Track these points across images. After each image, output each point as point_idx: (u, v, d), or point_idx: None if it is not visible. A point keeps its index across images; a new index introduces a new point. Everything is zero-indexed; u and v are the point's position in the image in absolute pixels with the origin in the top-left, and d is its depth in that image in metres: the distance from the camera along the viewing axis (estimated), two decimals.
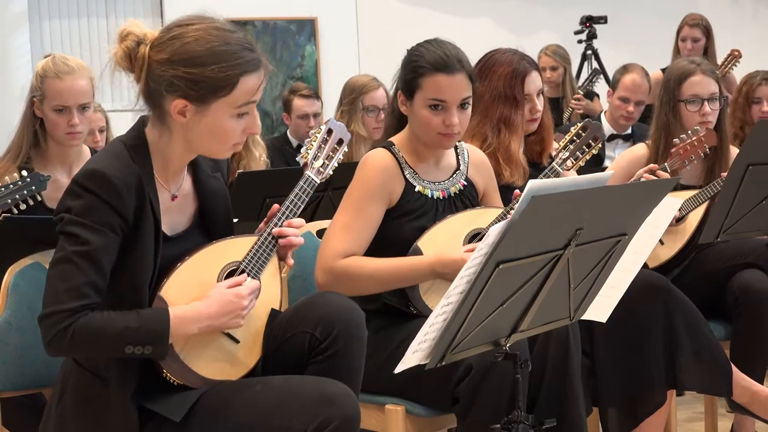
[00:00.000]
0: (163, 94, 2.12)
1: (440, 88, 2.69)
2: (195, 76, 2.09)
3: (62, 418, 2.16)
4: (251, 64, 2.14)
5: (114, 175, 2.07)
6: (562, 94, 6.12)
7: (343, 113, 4.76)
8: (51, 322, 2.03)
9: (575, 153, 3.03)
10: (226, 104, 2.12)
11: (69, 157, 3.24)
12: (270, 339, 2.26)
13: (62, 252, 2.06)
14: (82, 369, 2.14)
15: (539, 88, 3.25)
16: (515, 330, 2.13)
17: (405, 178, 2.76)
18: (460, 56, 2.73)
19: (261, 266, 2.25)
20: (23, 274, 2.44)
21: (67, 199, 2.09)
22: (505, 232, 1.88)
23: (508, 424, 2.17)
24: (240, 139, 2.18)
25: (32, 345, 2.42)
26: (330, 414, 2.06)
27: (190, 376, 2.15)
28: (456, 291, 1.94)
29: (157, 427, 2.13)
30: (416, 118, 2.74)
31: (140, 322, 2.06)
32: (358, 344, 2.25)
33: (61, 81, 3.14)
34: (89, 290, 2.04)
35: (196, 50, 2.10)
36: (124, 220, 2.08)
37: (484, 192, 2.92)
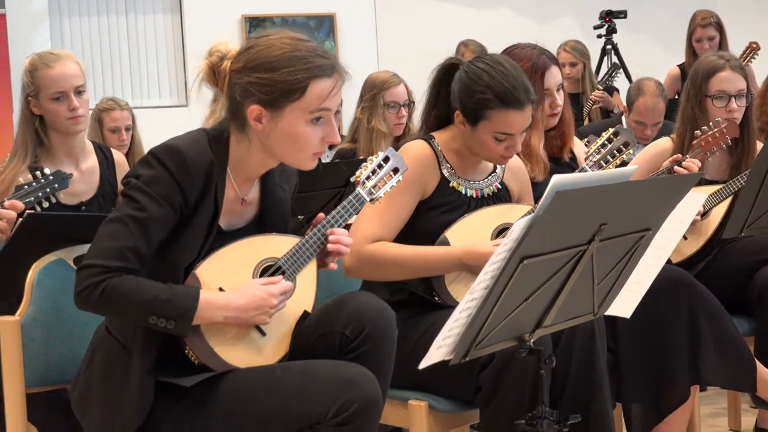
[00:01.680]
0: (240, 102, 2.19)
1: (509, 124, 2.68)
2: (266, 81, 2.16)
3: (88, 381, 2.21)
4: (322, 69, 2.18)
5: (189, 155, 2.14)
6: (582, 90, 6.09)
7: (363, 109, 4.75)
8: (87, 274, 2.09)
9: (606, 157, 3.03)
10: (299, 109, 2.17)
11: (74, 149, 3.25)
12: (298, 338, 2.28)
13: (119, 212, 2.13)
14: (113, 338, 2.19)
15: (559, 83, 3.25)
16: (539, 325, 2.13)
17: (441, 173, 2.77)
18: (527, 85, 2.70)
19: (298, 267, 2.27)
20: (48, 271, 2.45)
21: (140, 167, 2.16)
22: (529, 227, 1.88)
23: (532, 419, 2.17)
24: (320, 148, 2.22)
25: (57, 341, 2.44)
26: (351, 396, 2.08)
27: (211, 357, 2.16)
28: (480, 286, 1.94)
29: (184, 409, 2.15)
30: (478, 141, 2.72)
31: (170, 296, 2.10)
32: (389, 344, 2.26)
33: (52, 69, 3.16)
34: (132, 255, 2.10)
35: (268, 56, 2.17)
36: (186, 201, 2.14)
37: (519, 197, 2.92)
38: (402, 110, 4.72)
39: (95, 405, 2.19)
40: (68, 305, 2.44)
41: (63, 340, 2.45)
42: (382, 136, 4.68)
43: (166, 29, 8.02)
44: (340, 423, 2.07)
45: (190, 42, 7.85)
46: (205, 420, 2.14)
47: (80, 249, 2.51)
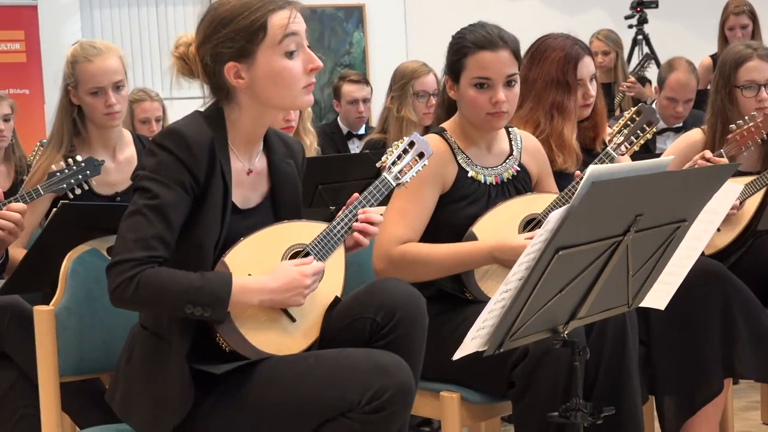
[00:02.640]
0: (215, 68, 2.20)
1: (484, 65, 2.69)
2: (228, 35, 2.17)
3: (129, 381, 2.21)
4: (274, 3, 2.19)
5: (188, 134, 2.15)
6: (614, 80, 6.05)
7: (393, 99, 4.75)
8: (118, 271, 2.09)
9: (629, 137, 3.00)
10: (268, 46, 2.18)
11: (110, 140, 3.26)
12: (329, 325, 2.27)
13: (134, 206, 2.13)
14: (148, 332, 2.20)
15: (592, 73, 3.23)
16: (573, 317, 2.12)
17: (458, 164, 2.76)
18: (503, 34, 2.73)
19: (327, 252, 2.27)
20: (81, 260, 2.46)
21: (145, 158, 2.17)
22: (565, 217, 1.87)
23: (566, 411, 2.16)
24: (307, 80, 2.22)
25: (91, 331, 2.45)
26: (384, 384, 2.07)
27: (243, 344, 2.17)
28: (515, 277, 1.92)
29: (216, 400, 2.15)
30: (464, 100, 2.74)
31: (203, 283, 2.10)
32: (420, 330, 2.24)
33: (91, 63, 3.17)
34: (157, 243, 2.10)
35: (221, 13, 2.19)
36: (195, 180, 2.15)
37: (538, 178, 2.90)
38: (431, 99, 4.72)
39: (141, 401, 2.18)
40: (101, 295, 2.45)
41: (96, 330, 2.46)
42: (411, 125, 4.68)
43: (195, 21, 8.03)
44: (373, 410, 2.07)
45: None
46: (238, 409, 2.14)
47: (113, 239, 2.48)
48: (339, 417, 2.09)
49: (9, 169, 4.79)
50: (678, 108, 4.98)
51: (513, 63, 2.72)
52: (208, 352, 2.18)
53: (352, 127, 5.61)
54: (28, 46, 7.50)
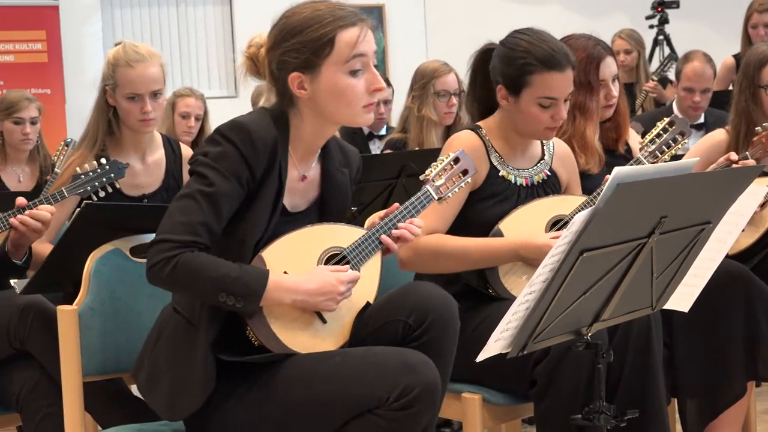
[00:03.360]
0: (280, 76, 2.22)
1: (552, 86, 2.68)
2: (295, 46, 2.18)
3: (156, 361, 2.23)
4: (345, 19, 2.19)
5: (254, 130, 2.17)
6: (636, 79, 6.03)
7: (414, 98, 4.74)
8: (159, 248, 2.10)
9: (661, 147, 2.99)
10: (333, 63, 2.18)
11: (142, 143, 3.27)
12: (360, 327, 2.28)
13: (188, 189, 2.15)
14: (180, 316, 2.21)
15: (614, 74, 3.21)
16: (597, 319, 2.11)
17: (490, 162, 2.76)
18: (566, 50, 2.71)
19: (363, 258, 2.28)
20: (105, 260, 2.46)
21: (207, 145, 2.19)
22: (589, 219, 1.86)
23: (589, 414, 2.15)
24: (369, 99, 2.23)
25: (114, 330, 2.45)
26: (411, 382, 2.07)
27: (272, 339, 2.17)
28: (539, 279, 1.92)
29: (244, 393, 2.16)
30: (522, 114, 2.72)
31: (240, 274, 2.11)
32: (451, 334, 2.24)
33: (132, 69, 3.15)
34: (202, 230, 2.11)
35: (291, 23, 2.21)
36: (252, 176, 2.17)
37: (567, 184, 2.91)
38: (452, 99, 4.71)
39: (163, 383, 2.20)
40: (125, 294, 2.48)
41: (119, 330, 2.46)
42: (432, 125, 4.68)
43: (216, 20, 8.07)
44: (401, 407, 2.06)
45: (240, 33, 7.88)
46: (265, 404, 2.15)
47: (137, 239, 2.53)
48: (366, 414, 2.09)
49: (34, 169, 4.81)
50: (695, 98, 4.97)
51: (572, 79, 2.72)
52: (237, 345, 2.18)
53: (373, 128, 5.61)
54: (50, 46, 7.54)
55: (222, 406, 2.17)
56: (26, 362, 2.63)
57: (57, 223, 3.13)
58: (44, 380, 2.60)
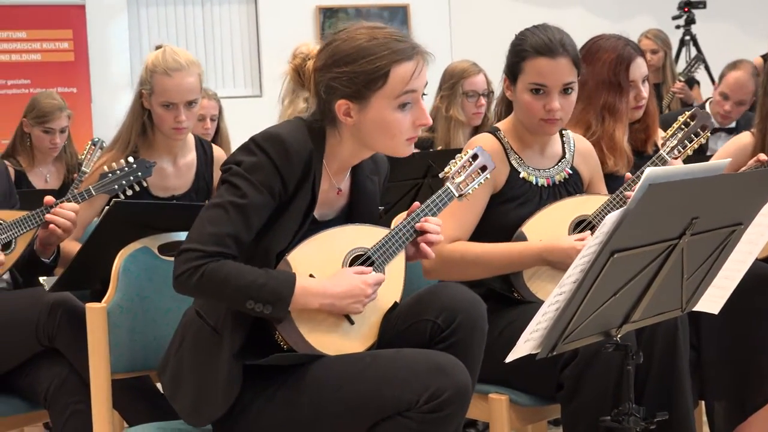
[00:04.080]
0: (327, 99, 2.20)
1: (541, 71, 2.67)
2: (348, 74, 2.16)
3: (179, 364, 2.23)
4: (401, 53, 2.17)
5: (291, 143, 2.16)
6: (662, 80, 6.00)
7: (442, 98, 4.74)
8: (186, 258, 2.10)
9: (683, 141, 2.96)
10: (384, 96, 2.16)
11: (174, 147, 3.28)
12: (387, 328, 2.27)
13: (220, 198, 2.14)
14: (203, 321, 2.21)
15: (644, 75, 3.20)
16: (627, 320, 2.10)
17: (510, 164, 2.74)
18: (564, 40, 2.70)
19: (388, 258, 2.27)
20: (133, 258, 2.47)
21: (240, 154, 2.17)
22: (620, 220, 1.85)
23: (618, 416, 2.14)
24: (412, 133, 2.21)
25: (142, 328, 2.46)
26: (442, 384, 2.06)
27: (300, 343, 2.17)
28: (569, 280, 1.91)
29: (271, 395, 2.16)
30: (519, 103, 2.73)
31: (267, 280, 2.10)
32: (479, 335, 2.24)
33: (170, 78, 3.14)
34: (231, 241, 2.11)
35: (346, 49, 2.18)
36: (285, 188, 2.16)
37: (590, 182, 2.89)
38: (481, 99, 4.70)
39: (186, 387, 2.21)
40: (152, 293, 2.48)
41: (147, 327, 2.47)
42: (460, 125, 4.67)
43: (242, 20, 8.08)
44: (431, 410, 2.06)
45: (265, 32, 7.90)
46: (293, 405, 2.14)
47: (165, 237, 2.54)
48: (396, 416, 2.08)
49: (60, 168, 4.85)
50: (726, 107, 4.92)
51: (571, 71, 2.69)
52: (265, 349, 2.18)
53: None
54: (76, 45, 7.58)
55: (250, 408, 2.16)
56: (54, 359, 2.64)
57: (85, 221, 3.15)
58: (72, 377, 2.61)
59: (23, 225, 2.80)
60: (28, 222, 2.81)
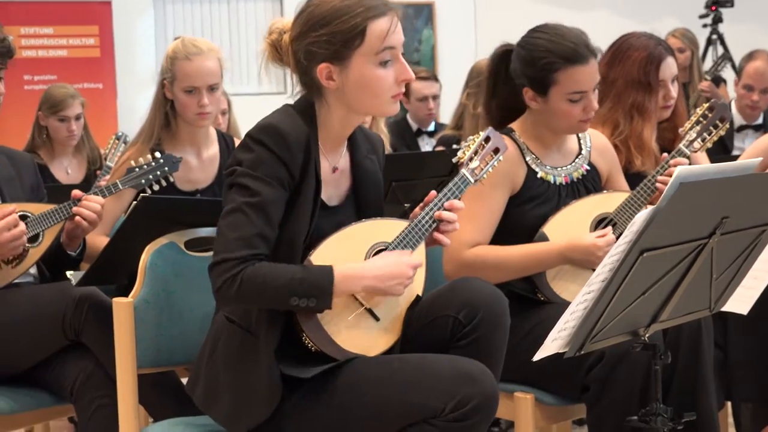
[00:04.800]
0: (308, 66, 2.18)
1: (578, 80, 2.65)
2: (325, 36, 2.15)
3: (213, 373, 2.20)
4: (375, 9, 2.16)
5: (285, 129, 2.14)
6: (689, 79, 5.97)
7: (469, 95, 4.73)
8: (220, 270, 2.08)
9: (702, 134, 2.93)
10: (364, 54, 2.15)
11: (198, 137, 3.30)
12: (411, 323, 2.26)
13: (233, 203, 2.12)
14: (235, 326, 2.19)
15: (674, 75, 3.18)
16: (655, 320, 2.09)
17: (527, 164, 2.73)
18: (585, 40, 2.68)
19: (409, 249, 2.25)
20: (160, 254, 2.46)
21: (239, 153, 2.15)
22: (650, 219, 1.84)
23: (645, 416, 2.12)
24: (397, 89, 2.20)
25: (168, 323, 2.46)
26: (469, 392, 2.04)
27: (327, 343, 2.16)
28: (598, 279, 1.90)
29: (300, 398, 2.14)
30: (553, 112, 2.69)
31: (305, 275, 2.09)
32: (502, 330, 2.22)
33: (190, 62, 3.19)
34: (258, 241, 2.09)
35: (320, 13, 2.17)
36: (291, 176, 2.14)
37: (608, 176, 2.87)
38: None
39: (223, 395, 2.18)
40: (179, 288, 2.48)
41: (173, 323, 2.47)
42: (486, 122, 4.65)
43: (267, 16, 8.11)
44: (457, 419, 2.03)
45: None
46: (321, 410, 2.13)
47: (192, 233, 2.53)
48: (421, 423, 2.06)
49: (81, 161, 4.89)
50: (753, 97, 4.89)
51: (598, 67, 2.69)
52: (294, 351, 2.17)
53: (422, 124, 5.60)
54: (102, 41, 7.62)
55: (278, 412, 2.14)
56: (81, 353, 2.64)
57: (113, 216, 3.16)
58: (98, 371, 2.61)
59: (50, 218, 2.82)
60: (55, 215, 2.82)
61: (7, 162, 2.98)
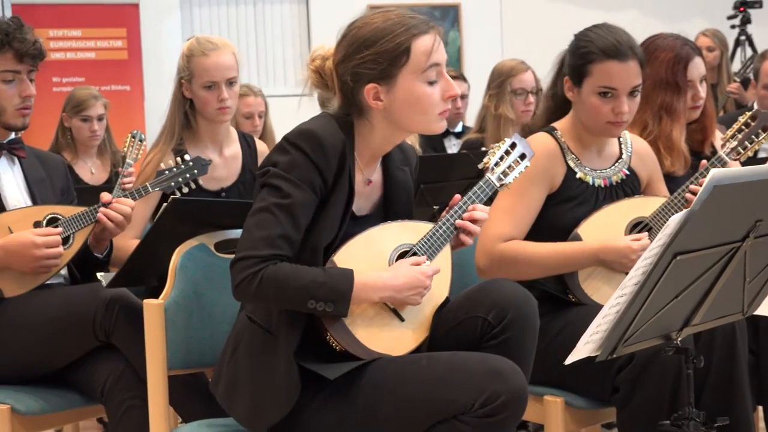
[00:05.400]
0: (353, 89, 2.20)
1: (611, 75, 2.64)
2: (371, 56, 2.17)
3: (234, 372, 2.22)
4: (418, 27, 2.18)
5: (323, 136, 2.16)
6: (718, 80, 5.93)
7: (491, 97, 4.73)
8: (242, 266, 2.10)
9: (743, 143, 2.92)
10: (410, 72, 2.17)
11: (219, 135, 3.32)
12: (438, 324, 2.26)
13: (263, 203, 2.14)
14: (255, 326, 2.21)
15: (702, 75, 3.16)
16: (687, 324, 2.07)
17: (567, 164, 2.72)
18: (632, 43, 2.68)
19: (434, 252, 2.27)
20: (190, 256, 2.47)
21: (275, 155, 2.17)
22: (684, 222, 1.83)
23: (677, 420, 2.11)
24: (443, 106, 2.22)
25: (198, 325, 2.47)
26: (498, 388, 2.04)
27: (353, 343, 2.16)
28: (631, 282, 1.89)
29: (326, 398, 2.15)
30: (584, 105, 2.70)
31: (326, 279, 2.11)
32: (531, 331, 2.22)
33: (207, 58, 3.22)
34: (282, 242, 2.11)
35: (364, 34, 2.18)
36: (324, 182, 2.16)
37: (648, 182, 2.86)
38: (530, 97, 4.69)
39: (243, 393, 2.20)
40: (209, 290, 2.49)
41: (203, 324, 2.48)
42: (509, 123, 4.66)
43: (293, 19, 8.12)
44: (486, 415, 2.04)
45: (316, 31, 7.92)
46: (348, 408, 2.14)
47: (222, 234, 2.54)
48: (451, 419, 2.07)
49: (104, 161, 4.95)
50: None
51: (639, 73, 2.67)
52: (318, 351, 2.18)
53: (449, 124, 5.59)
54: (130, 43, 7.66)
55: (305, 411, 2.16)
56: (111, 354, 2.66)
57: (142, 218, 3.18)
58: (129, 372, 2.62)
59: (81, 221, 2.83)
60: (85, 218, 2.84)
61: (38, 164, 3.00)
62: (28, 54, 2.83)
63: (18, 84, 2.85)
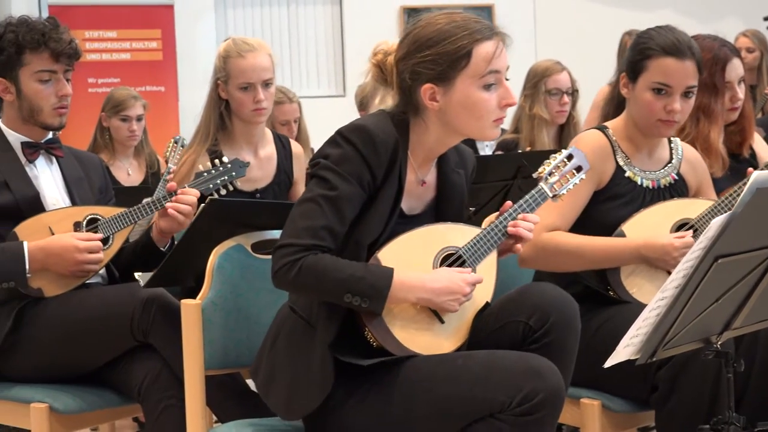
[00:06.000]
0: (412, 86, 2.21)
1: (667, 71, 2.65)
2: (432, 57, 2.17)
3: (273, 361, 2.24)
4: (481, 33, 2.19)
5: (376, 133, 2.17)
6: (757, 82, 5.87)
7: (526, 97, 4.71)
8: (283, 253, 2.12)
9: None
10: (469, 76, 2.17)
11: (254, 137, 3.33)
12: (478, 328, 2.26)
13: (310, 193, 2.16)
14: (297, 316, 2.22)
15: (740, 76, 3.14)
16: (727, 327, 2.06)
17: (616, 161, 2.73)
18: (692, 44, 2.69)
19: (479, 257, 2.26)
20: (227, 256, 2.48)
21: (327, 147, 2.19)
22: (726, 225, 1.81)
23: (717, 424, 2.09)
24: (499, 114, 2.22)
25: (235, 325, 2.48)
26: (535, 386, 2.04)
27: (390, 341, 2.17)
28: (672, 285, 1.88)
29: (364, 394, 2.16)
30: (637, 102, 2.70)
31: (365, 274, 2.11)
32: (573, 335, 2.21)
33: (244, 59, 3.24)
34: (325, 234, 2.12)
35: (427, 34, 2.19)
36: (374, 178, 2.17)
37: (697, 190, 2.85)
38: (564, 97, 4.67)
39: (280, 382, 2.22)
40: (246, 290, 2.50)
41: (240, 325, 2.49)
42: (543, 124, 4.64)
43: (326, 20, 8.14)
44: (523, 413, 2.04)
45: (349, 33, 7.94)
46: (385, 405, 2.14)
47: (259, 235, 2.55)
48: (488, 417, 2.07)
49: (140, 162, 4.99)
50: None
51: (695, 74, 2.68)
52: (355, 346, 2.18)
53: None
54: (165, 44, 7.71)
55: (342, 407, 2.17)
56: (148, 354, 2.67)
57: None
58: (166, 372, 2.63)
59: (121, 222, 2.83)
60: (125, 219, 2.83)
61: (76, 163, 3.02)
62: (64, 53, 2.85)
63: (54, 83, 2.87)
